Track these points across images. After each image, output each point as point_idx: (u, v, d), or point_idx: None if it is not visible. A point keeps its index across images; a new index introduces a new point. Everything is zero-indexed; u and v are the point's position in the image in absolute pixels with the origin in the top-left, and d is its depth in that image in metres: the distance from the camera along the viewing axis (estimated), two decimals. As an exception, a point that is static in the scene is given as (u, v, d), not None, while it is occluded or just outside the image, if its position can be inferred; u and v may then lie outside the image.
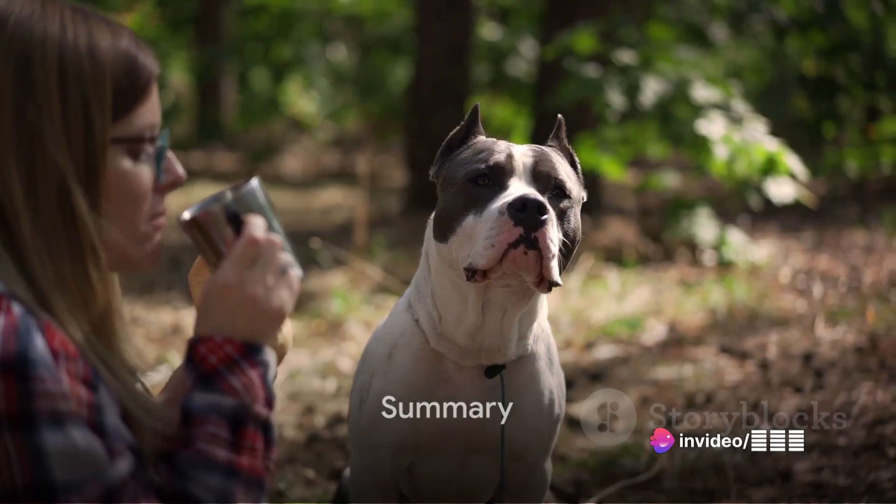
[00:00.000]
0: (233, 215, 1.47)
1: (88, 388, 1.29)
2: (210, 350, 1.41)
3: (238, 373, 1.41)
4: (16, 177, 1.31)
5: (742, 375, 4.23)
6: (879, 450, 3.32)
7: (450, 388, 2.14)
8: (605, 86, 6.47)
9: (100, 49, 1.35)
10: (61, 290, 1.33)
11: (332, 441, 3.63)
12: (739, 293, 5.52)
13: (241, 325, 1.43)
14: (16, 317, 1.26)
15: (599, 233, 7.47)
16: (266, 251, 1.45)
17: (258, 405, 1.41)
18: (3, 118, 1.31)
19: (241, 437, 1.39)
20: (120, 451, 1.30)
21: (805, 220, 8.29)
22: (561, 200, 2.04)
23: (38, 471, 1.24)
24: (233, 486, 1.37)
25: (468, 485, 2.26)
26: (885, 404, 3.66)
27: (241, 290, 1.43)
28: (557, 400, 2.22)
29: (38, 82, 1.31)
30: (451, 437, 2.16)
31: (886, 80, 9.54)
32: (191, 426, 1.39)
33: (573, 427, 3.73)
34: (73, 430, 1.26)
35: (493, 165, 2.03)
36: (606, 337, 4.94)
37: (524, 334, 2.14)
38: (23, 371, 1.24)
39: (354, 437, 2.25)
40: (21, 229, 1.31)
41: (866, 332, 4.61)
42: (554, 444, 2.28)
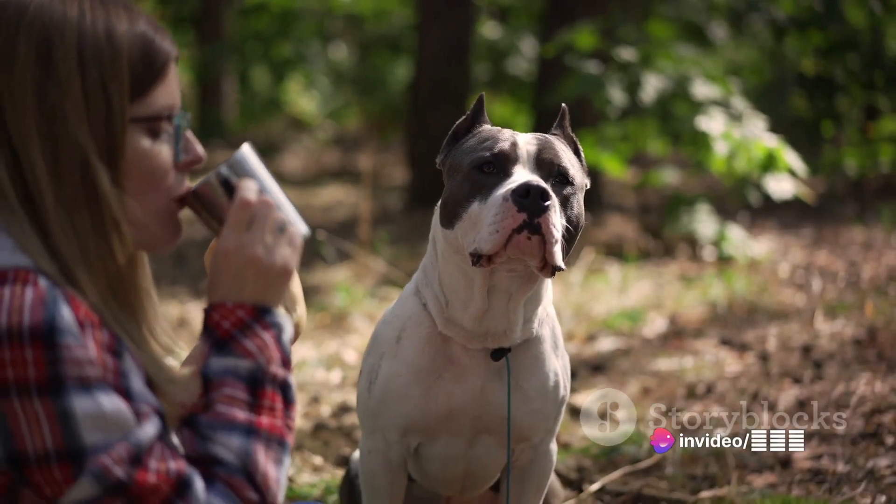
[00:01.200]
0: (225, 183, 1.50)
1: (113, 355, 1.33)
2: (222, 316, 1.45)
3: (251, 335, 1.44)
4: (39, 155, 1.35)
5: (742, 367, 4.28)
6: (878, 438, 3.37)
7: (457, 371, 2.18)
8: (606, 82, 6.52)
9: (117, 33, 1.39)
10: (85, 264, 1.37)
11: (339, 429, 3.68)
12: (739, 287, 5.57)
13: (249, 288, 1.46)
14: (42, 289, 1.30)
15: (600, 229, 7.52)
16: (260, 212, 1.47)
17: (274, 366, 1.45)
18: (25, 99, 1.35)
19: (259, 398, 1.42)
20: (146, 413, 1.34)
21: (804, 217, 8.34)
22: (564, 187, 2.08)
23: (68, 434, 1.29)
24: (253, 445, 1.40)
25: (475, 466, 2.30)
26: (883, 394, 3.71)
27: (241, 254, 1.46)
28: (562, 382, 2.26)
29: (59, 65, 1.36)
30: (459, 418, 2.20)
31: (885, 80, 9.57)
32: (209, 390, 1.43)
33: (575, 416, 3.78)
34: (101, 394, 1.30)
35: (497, 153, 2.07)
36: (608, 329, 4.99)
37: (529, 318, 2.18)
38: (51, 339, 1.28)
39: (363, 419, 2.29)
40: (45, 205, 1.36)
41: (865, 325, 4.66)
42: (559, 426, 2.32)
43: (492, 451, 2.27)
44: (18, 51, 1.35)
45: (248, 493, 1.38)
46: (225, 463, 1.39)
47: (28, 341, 1.28)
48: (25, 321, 1.28)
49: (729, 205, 7.84)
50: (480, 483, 2.39)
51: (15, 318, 1.28)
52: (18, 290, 1.29)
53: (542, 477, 2.33)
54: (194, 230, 7.71)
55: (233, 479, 1.38)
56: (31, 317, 1.28)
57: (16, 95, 1.35)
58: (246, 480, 1.38)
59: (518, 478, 2.32)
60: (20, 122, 1.35)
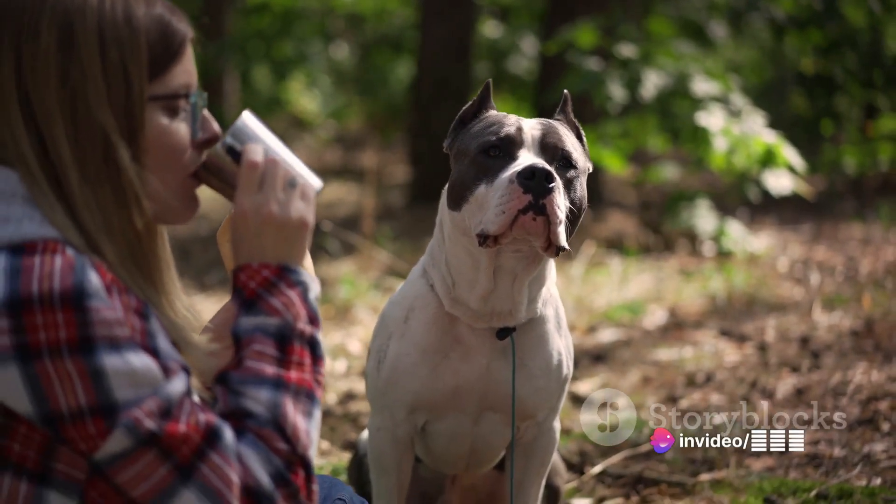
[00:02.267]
0: (231, 150, 1.55)
1: (140, 317, 1.39)
2: (249, 276, 1.51)
3: (277, 294, 1.50)
4: (62, 134, 1.42)
5: (741, 357, 4.33)
6: (874, 424, 3.43)
7: (463, 350, 2.25)
8: (607, 79, 6.58)
9: (136, 15, 1.45)
10: (108, 235, 1.43)
11: (345, 416, 3.75)
12: (738, 281, 5.63)
13: (270, 247, 1.52)
14: (71, 257, 1.36)
15: (601, 225, 7.58)
16: (269, 170, 1.53)
17: (301, 322, 1.51)
18: (49, 81, 1.41)
19: (287, 353, 1.48)
20: (174, 369, 1.40)
21: (803, 213, 8.41)
22: (567, 170, 2.14)
23: (100, 390, 1.34)
24: (283, 398, 1.45)
25: (480, 443, 2.36)
26: (879, 383, 3.76)
27: (257, 214, 1.51)
28: (565, 361, 2.33)
29: (81, 48, 1.42)
30: (465, 395, 2.27)
31: (884, 79, 9.62)
32: (240, 349, 1.49)
33: (577, 403, 3.85)
34: (129, 352, 1.36)
35: (503, 137, 2.14)
36: (608, 321, 5.05)
37: (534, 298, 2.24)
38: (80, 302, 1.34)
39: (372, 398, 2.35)
40: (70, 182, 1.42)
41: (862, 316, 4.72)
42: (562, 404, 2.38)
43: (497, 429, 2.33)
44: (41, 34, 1.41)
45: (278, 444, 1.43)
46: (255, 415, 1.44)
47: (59, 305, 1.33)
48: (56, 286, 1.33)
49: (729, 201, 7.90)
50: (485, 461, 2.45)
51: (45, 284, 1.33)
52: (48, 258, 1.35)
53: (545, 454, 2.39)
54: (198, 226, 7.79)
55: (263, 430, 1.43)
56: (60, 282, 1.34)
57: (39, 78, 1.41)
58: (276, 432, 1.43)
59: (522, 455, 2.38)
60: (44, 103, 1.41)
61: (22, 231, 1.37)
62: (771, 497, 2.88)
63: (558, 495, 2.68)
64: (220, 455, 1.39)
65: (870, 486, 2.91)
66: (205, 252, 6.72)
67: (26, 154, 1.42)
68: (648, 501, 3.00)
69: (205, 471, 1.38)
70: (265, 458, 1.43)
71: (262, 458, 1.42)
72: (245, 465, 1.41)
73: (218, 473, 1.38)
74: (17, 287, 1.33)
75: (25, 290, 1.33)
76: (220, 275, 6.02)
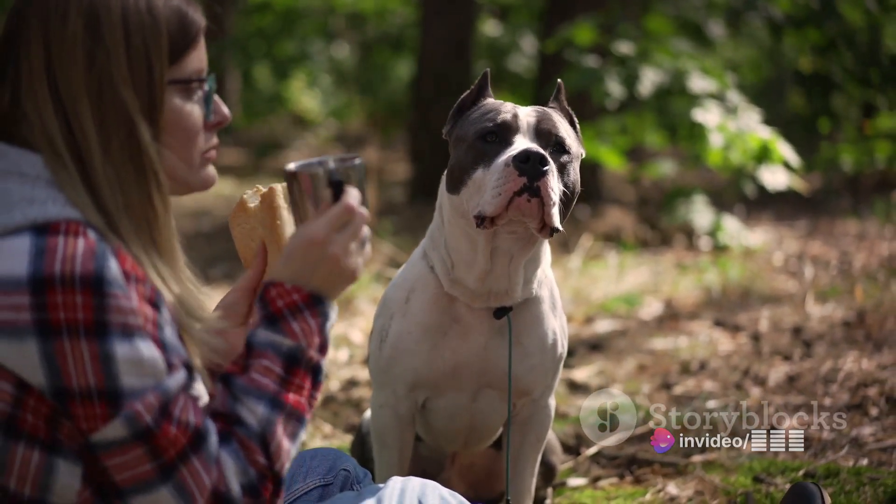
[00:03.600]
0: (335, 182, 1.64)
1: (153, 307, 1.48)
2: (279, 294, 1.60)
3: (300, 319, 1.59)
4: (89, 114, 1.51)
5: (734, 346, 4.43)
6: (863, 409, 3.52)
7: (462, 329, 2.34)
8: (605, 76, 6.67)
9: (156, 5, 1.55)
10: (128, 213, 1.52)
11: (347, 401, 3.84)
12: (733, 274, 5.72)
13: (317, 279, 1.60)
14: (93, 242, 1.44)
15: (599, 221, 7.66)
16: (357, 220, 1.63)
17: (312, 350, 1.59)
18: (77, 64, 1.51)
19: (292, 376, 1.57)
20: (176, 364, 1.48)
21: (799, 210, 8.49)
22: (561, 155, 2.23)
23: (108, 374, 1.43)
24: (276, 416, 1.54)
25: (478, 420, 2.46)
26: (869, 370, 3.85)
27: (325, 248, 1.60)
28: (560, 340, 2.42)
29: (106, 34, 1.51)
30: (463, 373, 2.36)
31: (881, 77, 9.68)
32: (250, 356, 1.57)
33: (574, 389, 3.94)
34: (140, 342, 1.44)
35: (500, 123, 2.23)
36: (605, 312, 5.15)
37: (529, 279, 2.34)
38: (99, 288, 1.42)
39: (375, 375, 2.45)
40: (94, 160, 1.50)
41: (854, 308, 4.80)
42: (556, 382, 2.48)
43: (494, 405, 2.43)
44: (69, 20, 1.50)
45: (258, 458, 1.52)
46: (246, 425, 1.53)
47: (79, 287, 1.41)
48: (77, 269, 1.41)
49: (726, 198, 7.99)
50: (484, 437, 2.55)
51: (68, 266, 1.41)
52: (71, 240, 1.43)
53: (541, 429, 2.49)
54: (200, 222, 7.87)
55: (249, 442, 1.52)
56: (82, 266, 1.42)
57: (67, 61, 1.50)
58: (260, 446, 1.52)
59: (519, 431, 2.48)
60: (72, 85, 1.50)
61: (46, 212, 1.45)
62: (760, 476, 2.96)
63: (554, 472, 2.78)
64: (201, 460, 1.47)
65: (856, 466, 3.00)
66: (208, 246, 6.81)
67: (53, 134, 1.50)
68: (642, 481, 3.09)
69: (184, 473, 1.47)
70: (242, 469, 1.51)
71: (239, 468, 1.51)
72: (221, 470, 1.49)
73: (195, 478, 1.47)
74: (41, 266, 1.41)
75: (49, 270, 1.41)
76: (225, 269, 6.11)
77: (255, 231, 1.93)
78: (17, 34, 1.53)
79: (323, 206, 1.63)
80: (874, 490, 2.82)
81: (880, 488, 2.82)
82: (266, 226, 1.91)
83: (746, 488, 2.88)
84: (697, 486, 2.93)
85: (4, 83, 1.53)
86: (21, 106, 1.52)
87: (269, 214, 1.91)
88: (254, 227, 1.93)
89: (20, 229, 1.43)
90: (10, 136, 1.53)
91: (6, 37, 1.54)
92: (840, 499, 2.77)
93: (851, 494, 2.80)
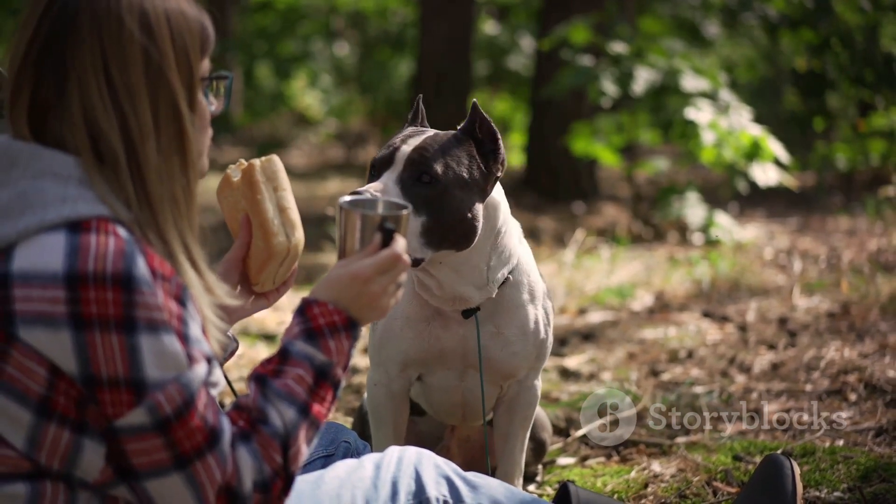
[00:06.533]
0: (387, 229, 1.81)
1: (179, 303, 1.60)
2: (322, 313, 1.76)
3: (336, 338, 1.75)
4: (147, 108, 1.63)
5: (722, 336, 4.58)
6: (841, 394, 3.67)
7: (442, 320, 2.52)
8: (600, 75, 6.82)
9: (188, 15, 1.70)
10: (171, 204, 1.65)
11: (347, 387, 4.00)
12: (723, 267, 5.87)
13: (355, 308, 1.78)
14: (123, 241, 1.57)
15: (594, 216, 7.82)
16: (400, 268, 1.82)
17: (339, 368, 1.75)
18: (135, 60, 1.64)
19: (319, 388, 1.72)
20: (197, 358, 1.61)
21: (792, 206, 8.63)
22: (429, 187, 2.30)
23: (134, 365, 1.55)
24: (301, 422, 1.68)
25: (469, 397, 2.63)
26: (850, 359, 3.99)
27: (367, 286, 1.78)
28: (542, 325, 2.57)
29: (157, 35, 1.65)
30: (448, 356, 2.55)
31: (876, 76, 9.76)
32: (286, 363, 1.72)
33: (565, 376, 4.10)
34: (164, 336, 1.56)
35: (379, 158, 2.37)
36: (598, 304, 5.30)
37: (481, 286, 2.47)
38: (128, 285, 1.54)
39: (371, 355, 2.64)
40: (149, 153, 1.63)
41: (840, 300, 4.95)
42: (543, 364, 2.65)
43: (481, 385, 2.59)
44: (125, 22, 1.63)
45: (275, 456, 1.65)
46: (272, 425, 1.66)
47: (110, 284, 1.53)
48: (108, 268, 1.54)
49: (719, 194, 8.13)
50: (478, 412, 2.71)
51: (100, 265, 1.54)
52: (102, 239, 1.55)
53: (527, 408, 2.66)
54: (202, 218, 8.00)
55: (271, 441, 1.65)
56: (113, 264, 1.54)
57: (126, 60, 1.62)
58: (281, 447, 1.66)
59: (507, 410, 2.65)
60: (130, 81, 1.63)
61: (77, 210, 1.57)
62: (740, 455, 3.12)
63: (544, 448, 2.94)
64: (215, 458, 1.60)
65: (832, 446, 3.15)
66: (217, 241, 6.94)
67: (105, 129, 1.61)
68: (628, 460, 3.24)
69: (198, 467, 1.59)
70: (258, 468, 1.64)
71: (255, 466, 1.64)
72: (237, 468, 1.62)
73: (207, 472, 1.60)
74: (76, 264, 1.53)
75: (82, 267, 1.53)
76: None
77: (239, 204, 2.08)
78: (63, 35, 1.62)
79: (371, 247, 1.80)
80: (847, 468, 2.96)
81: (853, 466, 2.96)
82: (247, 199, 2.06)
83: (726, 466, 3.03)
84: (680, 465, 3.08)
85: (48, 78, 1.64)
86: (67, 100, 1.62)
87: (249, 189, 2.05)
88: (238, 200, 2.07)
89: (55, 226, 1.55)
90: (40, 133, 1.65)
91: (50, 37, 1.63)
92: (815, 476, 2.92)
93: (826, 472, 2.94)
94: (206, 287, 1.72)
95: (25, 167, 1.61)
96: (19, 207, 1.58)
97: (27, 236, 1.56)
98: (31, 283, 1.54)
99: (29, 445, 1.57)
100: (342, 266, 1.81)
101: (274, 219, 2.06)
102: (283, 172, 2.10)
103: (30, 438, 1.57)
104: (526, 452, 2.77)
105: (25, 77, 1.65)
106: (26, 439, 1.57)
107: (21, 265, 1.55)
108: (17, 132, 1.66)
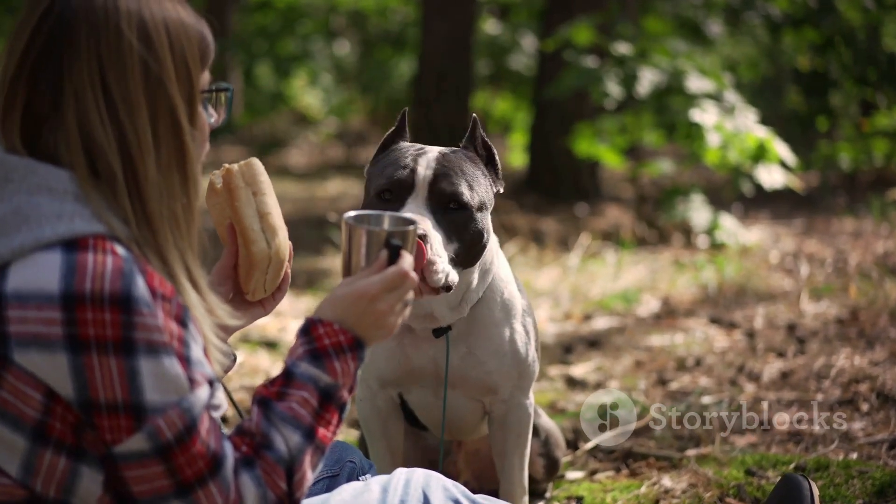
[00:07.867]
0: (393, 245, 1.75)
1: (180, 324, 1.54)
2: (327, 333, 1.69)
3: (342, 359, 1.68)
4: (146, 121, 1.56)
5: (729, 343, 4.52)
6: (853, 404, 3.61)
7: (413, 339, 2.46)
8: (603, 75, 6.76)
9: (187, 25, 1.63)
10: (170, 224, 1.58)
11: (351, 399, 3.92)
12: (730, 271, 5.81)
13: (361, 327, 1.71)
14: (122, 259, 1.50)
15: (598, 219, 7.76)
16: (407, 285, 1.75)
17: (344, 390, 1.68)
18: (134, 73, 1.56)
19: (324, 411, 1.64)
20: (199, 381, 1.54)
21: (796, 208, 8.57)
22: (456, 213, 2.26)
23: (133, 389, 1.49)
24: (306, 447, 1.61)
25: (451, 414, 2.56)
26: (861, 367, 3.94)
27: (374, 304, 1.71)
28: (521, 345, 2.49)
29: (156, 45, 1.58)
30: (422, 374, 2.49)
31: (879, 75, 9.73)
32: (290, 385, 1.64)
33: (572, 385, 4.04)
34: (165, 358, 1.50)
35: (395, 181, 2.27)
36: (603, 309, 5.24)
37: (455, 305, 2.40)
38: (127, 306, 1.48)
39: None
40: (148, 168, 1.56)
41: (848, 305, 4.89)
42: (530, 383, 2.56)
43: (460, 402, 2.54)
44: (123, 33, 1.56)
45: (280, 482, 1.58)
46: (276, 450, 1.59)
47: (108, 305, 1.47)
48: (106, 288, 1.47)
49: (724, 196, 8.07)
50: (465, 430, 2.67)
51: (98, 284, 1.47)
52: (100, 257, 1.49)
53: (520, 426, 2.58)
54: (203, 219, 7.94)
55: (275, 466, 1.58)
56: (111, 284, 1.48)
57: (125, 72, 1.55)
58: (285, 473, 1.59)
59: (500, 428, 2.58)
60: (129, 94, 1.56)
61: (74, 227, 1.50)
62: (752, 469, 3.05)
63: (557, 465, 2.88)
64: (217, 485, 1.53)
65: (846, 460, 3.09)
66: (213, 246, 6.88)
67: (102, 143, 1.54)
68: (637, 474, 3.18)
69: (199, 494, 1.53)
70: (261, 495, 1.57)
71: (258, 494, 1.57)
72: (240, 495, 1.55)
73: (209, 500, 1.53)
74: (72, 283, 1.46)
75: (79, 287, 1.46)
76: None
77: (225, 211, 2.01)
78: (59, 45, 1.56)
79: (378, 264, 1.74)
80: (863, 483, 2.90)
81: (868, 481, 2.91)
82: (228, 206, 1.99)
83: (738, 481, 2.97)
84: (691, 479, 3.02)
85: (43, 90, 1.57)
86: (62, 113, 1.55)
87: (229, 195, 1.99)
88: (224, 207, 2.01)
89: (51, 244, 1.49)
90: (33, 147, 1.58)
91: (45, 48, 1.56)
92: (829, 491, 2.86)
93: (840, 487, 2.89)
94: (208, 308, 1.65)
95: (20, 182, 1.55)
96: (14, 224, 1.51)
97: (22, 255, 1.49)
98: (27, 304, 1.48)
99: (24, 472, 1.52)
100: (347, 284, 1.74)
101: (253, 225, 1.99)
102: (263, 175, 2.03)
103: (25, 465, 1.52)
104: (539, 470, 2.70)
105: (19, 88, 1.58)
106: (21, 466, 1.52)
107: (16, 285, 1.48)
108: (9, 145, 1.59)
